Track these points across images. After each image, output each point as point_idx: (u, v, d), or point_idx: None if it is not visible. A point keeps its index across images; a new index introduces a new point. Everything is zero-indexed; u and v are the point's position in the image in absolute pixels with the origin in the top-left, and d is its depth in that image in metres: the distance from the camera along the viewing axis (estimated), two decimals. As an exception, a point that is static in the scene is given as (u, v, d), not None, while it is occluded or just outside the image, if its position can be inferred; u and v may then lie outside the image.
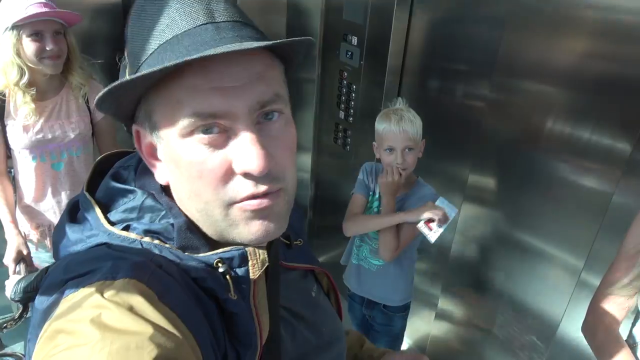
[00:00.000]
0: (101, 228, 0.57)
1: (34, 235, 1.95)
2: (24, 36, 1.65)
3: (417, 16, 2.13)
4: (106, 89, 0.50)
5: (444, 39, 2.06)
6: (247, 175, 0.52)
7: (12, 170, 1.88)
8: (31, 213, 1.92)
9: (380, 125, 1.68)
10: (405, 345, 2.76)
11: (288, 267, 0.72)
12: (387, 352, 0.90)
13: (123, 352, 0.43)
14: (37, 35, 1.65)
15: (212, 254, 0.57)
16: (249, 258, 0.58)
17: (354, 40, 2.34)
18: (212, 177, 0.53)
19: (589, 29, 1.49)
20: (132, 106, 0.57)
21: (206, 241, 0.59)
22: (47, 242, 1.98)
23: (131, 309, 0.47)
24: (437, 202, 1.67)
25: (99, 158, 0.69)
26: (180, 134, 0.52)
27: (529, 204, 1.80)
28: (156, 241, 0.56)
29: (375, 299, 1.93)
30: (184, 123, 0.51)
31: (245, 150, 0.51)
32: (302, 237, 0.81)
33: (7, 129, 1.75)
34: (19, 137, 1.75)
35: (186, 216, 0.59)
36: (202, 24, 0.52)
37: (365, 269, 1.89)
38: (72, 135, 1.82)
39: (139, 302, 0.48)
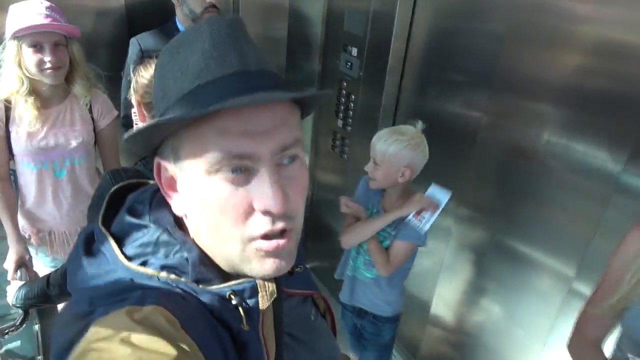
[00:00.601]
0: (119, 264, 0.59)
1: (33, 240, 1.97)
2: (24, 47, 1.66)
3: (416, 28, 2.17)
4: (142, 127, 0.54)
5: (443, 51, 2.09)
6: (265, 213, 0.56)
7: (14, 175, 1.90)
8: (32, 218, 1.94)
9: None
10: (395, 352, 2.79)
11: (289, 293, 0.75)
12: None
13: None
14: (36, 47, 1.66)
15: (225, 287, 0.60)
16: (259, 290, 0.62)
17: (354, 51, 2.37)
18: (234, 213, 0.56)
19: (586, 45, 1.52)
20: (159, 141, 0.60)
21: (218, 273, 0.62)
22: (47, 247, 2.01)
23: (158, 332, 0.50)
24: (429, 190, 1.71)
25: (111, 191, 0.72)
26: (207, 170, 0.55)
27: (522, 214, 1.83)
28: (172, 276, 0.59)
29: (366, 309, 1.96)
30: (212, 161, 0.55)
31: (267, 191, 0.55)
32: (302, 263, 0.85)
33: (12, 135, 1.76)
34: (22, 144, 1.77)
35: (199, 249, 0.62)
36: (235, 72, 0.56)
37: (359, 279, 1.92)
38: (74, 144, 1.84)
39: (165, 327, 0.51)
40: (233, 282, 0.61)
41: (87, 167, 1.93)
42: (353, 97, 2.47)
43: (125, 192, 0.71)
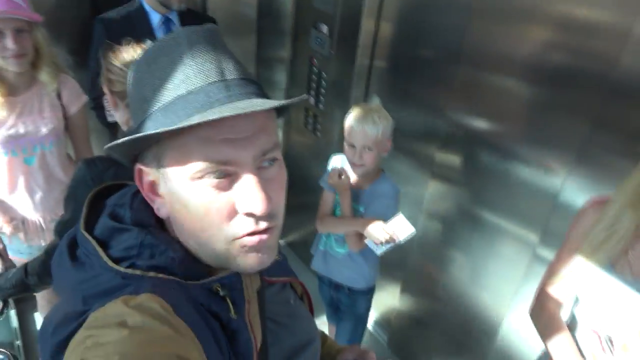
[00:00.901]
0: (106, 267, 0.61)
1: (6, 229, 1.94)
2: None
3: (387, 4, 2.18)
4: (127, 139, 0.56)
5: (413, 27, 2.11)
6: (249, 214, 0.59)
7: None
8: (4, 206, 1.90)
9: (347, 122, 1.73)
10: (372, 319, 2.90)
11: (270, 281, 0.79)
12: (343, 349, 0.99)
13: (148, 344, 0.50)
14: None
15: (211, 280, 0.64)
16: (243, 280, 0.66)
17: (324, 28, 2.36)
18: (218, 216, 0.59)
19: (554, 21, 1.55)
20: (140, 150, 0.62)
21: (203, 269, 0.65)
22: (21, 235, 1.98)
23: (153, 315, 0.54)
24: (395, 219, 1.74)
25: (90, 195, 0.72)
26: (191, 177, 0.58)
27: (490, 184, 1.90)
28: (160, 275, 0.61)
29: (340, 282, 2.03)
30: (196, 168, 0.58)
31: (250, 194, 0.58)
32: (280, 252, 0.89)
33: None
34: None
35: (183, 248, 0.65)
36: (213, 82, 0.58)
37: (331, 255, 1.99)
38: (44, 130, 1.80)
39: (160, 311, 0.55)
40: (218, 276, 0.64)
41: (58, 153, 1.90)
42: (324, 74, 2.48)
43: (105, 193, 0.73)
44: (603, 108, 1.43)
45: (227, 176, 0.59)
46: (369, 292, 2.08)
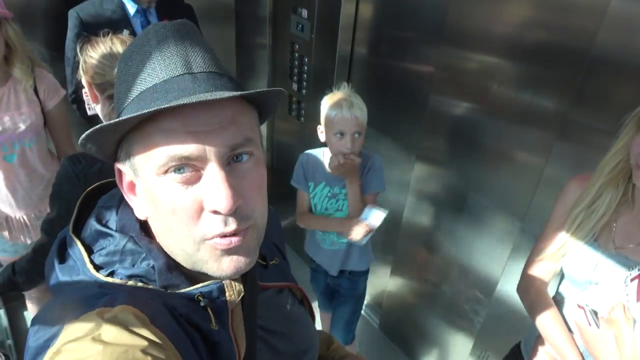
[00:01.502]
0: (87, 273, 0.60)
1: (-9, 227, 1.92)
2: None
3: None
4: (88, 132, 0.54)
5: (393, 9, 2.10)
6: (216, 212, 0.56)
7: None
8: (-14, 206, 1.88)
9: (332, 111, 1.71)
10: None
11: (264, 286, 0.77)
12: (349, 356, 0.99)
13: (122, 359, 0.49)
14: None
15: (193, 289, 0.61)
16: (226, 290, 0.63)
17: (304, 13, 2.34)
18: (184, 214, 0.57)
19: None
20: (113, 146, 0.61)
21: (185, 277, 0.63)
22: (5, 233, 1.96)
23: (127, 328, 0.52)
24: (364, 212, 1.79)
25: (82, 195, 0.71)
26: (156, 172, 0.56)
27: (475, 163, 1.92)
28: (140, 284, 0.60)
29: (344, 268, 2.06)
30: (159, 163, 0.55)
31: (214, 190, 0.55)
32: (281, 250, 0.88)
33: None
34: None
35: (165, 255, 0.62)
36: (179, 75, 0.56)
37: (337, 250, 2.00)
38: (23, 127, 1.77)
39: (134, 323, 0.53)
40: (200, 285, 0.62)
41: (38, 149, 1.87)
42: (306, 59, 2.46)
43: (98, 192, 0.72)
44: (583, 84, 1.44)
45: (193, 172, 0.56)
46: (367, 273, 2.13)
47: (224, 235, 0.57)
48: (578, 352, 1.16)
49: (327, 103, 1.75)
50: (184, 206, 0.56)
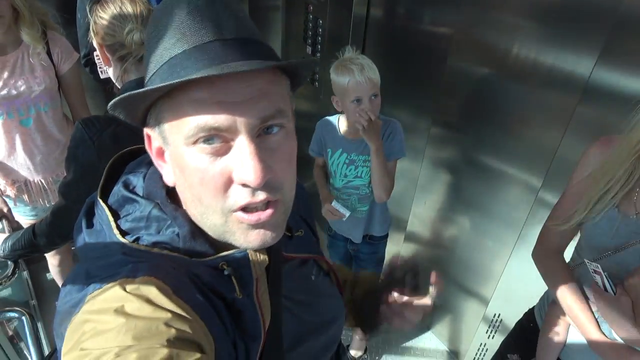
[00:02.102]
0: (114, 238, 0.61)
1: (10, 191, 1.95)
2: None
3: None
4: (116, 99, 0.54)
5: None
6: (245, 185, 0.56)
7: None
8: (5, 169, 1.91)
9: (344, 79, 1.66)
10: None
11: (288, 257, 0.76)
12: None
13: (146, 333, 0.49)
14: None
15: (217, 258, 0.61)
16: (250, 259, 0.63)
17: (319, -28, 2.27)
18: (213, 185, 0.56)
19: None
20: (142, 113, 0.59)
21: (210, 245, 0.62)
22: (25, 197, 1.99)
23: (150, 300, 0.52)
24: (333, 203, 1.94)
25: (111, 160, 0.71)
26: (185, 142, 0.55)
27: (492, 129, 1.88)
28: (165, 251, 0.60)
29: (366, 233, 2.06)
30: (188, 133, 0.54)
31: (244, 163, 0.54)
32: (311, 224, 0.88)
33: None
34: None
35: (191, 222, 0.62)
36: (210, 41, 0.54)
37: (355, 217, 1.99)
38: (37, 91, 1.77)
39: (156, 294, 0.53)
40: (224, 253, 0.62)
41: (54, 113, 1.87)
42: (320, 21, 2.40)
43: (128, 158, 0.71)
44: (608, 45, 1.38)
45: (223, 142, 0.55)
46: (387, 236, 2.14)
47: (253, 207, 0.57)
48: (593, 318, 1.16)
49: (336, 71, 1.69)
50: (213, 176, 0.56)
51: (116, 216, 0.63)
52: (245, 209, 0.57)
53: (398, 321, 0.89)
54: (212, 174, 0.56)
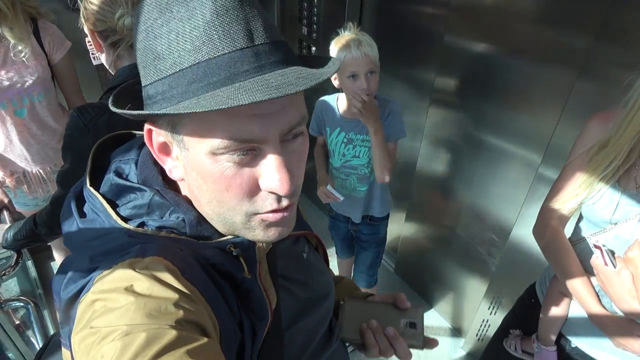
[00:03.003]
0: (116, 225, 0.60)
1: (9, 183, 1.95)
2: None
3: None
4: (140, 113, 0.53)
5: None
6: (272, 192, 0.57)
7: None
8: (3, 161, 1.90)
9: (341, 54, 1.64)
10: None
11: None
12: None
13: (155, 312, 0.49)
14: None
15: (224, 240, 0.62)
16: (257, 243, 0.64)
17: (312, -50, 2.23)
18: (239, 191, 0.56)
19: None
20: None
21: (214, 230, 0.64)
22: (24, 187, 2.00)
23: (159, 280, 0.53)
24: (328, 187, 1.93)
25: (93, 149, 0.69)
26: (212, 152, 0.54)
27: (491, 106, 1.87)
28: (172, 235, 0.61)
29: (366, 214, 2.06)
30: (218, 145, 0.53)
31: (274, 174, 0.55)
32: None
33: None
34: None
35: (194, 209, 0.63)
36: (241, 48, 0.51)
37: (354, 196, 2.00)
38: (30, 81, 1.76)
39: (165, 275, 0.54)
40: (230, 236, 0.63)
41: (48, 103, 1.86)
42: (315, 1, 2.37)
43: (110, 145, 0.71)
44: (608, 18, 1.36)
45: (251, 152, 0.55)
46: (387, 217, 2.13)
47: (275, 211, 0.58)
48: (594, 292, 1.16)
49: (334, 47, 1.68)
50: (240, 184, 0.56)
51: (112, 205, 0.63)
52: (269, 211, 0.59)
53: (375, 352, 0.86)
54: (239, 182, 0.56)
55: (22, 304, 1.70)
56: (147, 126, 0.60)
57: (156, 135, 0.60)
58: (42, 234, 1.40)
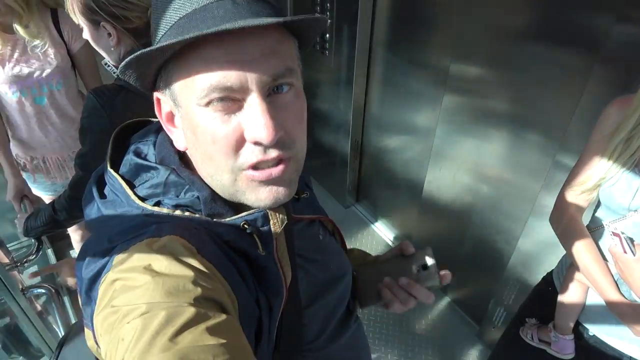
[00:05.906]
0: (133, 205, 0.62)
1: (29, 167, 1.99)
2: None
3: None
4: (126, 60, 0.53)
5: None
6: (257, 143, 0.56)
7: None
8: (24, 146, 1.94)
9: None
10: (392, 237, 2.97)
11: (296, 218, 0.77)
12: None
13: (174, 290, 0.50)
14: None
15: (238, 218, 0.63)
16: (270, 218, 0.65)
17: None
18: (224, 143, 0.57)
19: None
20: (153, 75, 0.60)
21: (229, 207, 0.64)
22: (43, 174, 2.03)
23: (177, 258, 0.54)
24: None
25: (114, 133, 0.72)
26: (197, 102, 0.55)
27: (508, 91, 1.84)
28: (187, 213, 0.62)
29: None
30: (201, 93, 0.54)
31: (256, 121, 0.55)
32: (307, 183, 0.88)
33: None
34: None
35: (208, 186, 0.63)
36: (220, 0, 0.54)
37: None
38: (49, 69, 1.78)
39: (182, 253, 0.55)
40: (245, 213, 0.63)
41: (67, 91, 1.88)
42: (330, -13, 2.34)
43: (130, 131, 0.73)
44: (627, 0, 1.33)
45: (235, 101, 0.55)
46: None
47: (265, 164, 0.58)
48: (612, 280, 1.15)
49: None
50: (225, 135, 0.56)
51: (130, 185, 0.64)
52: (256, 167, 0.58)
53: (398, 306, 0.87)
54: (224, 133, 0.56)
55: (43, 290, 1.74)
56: (155, 95, 0.62)
57: (164, 104, 0.63)
58: (62, 219, 1.42)
